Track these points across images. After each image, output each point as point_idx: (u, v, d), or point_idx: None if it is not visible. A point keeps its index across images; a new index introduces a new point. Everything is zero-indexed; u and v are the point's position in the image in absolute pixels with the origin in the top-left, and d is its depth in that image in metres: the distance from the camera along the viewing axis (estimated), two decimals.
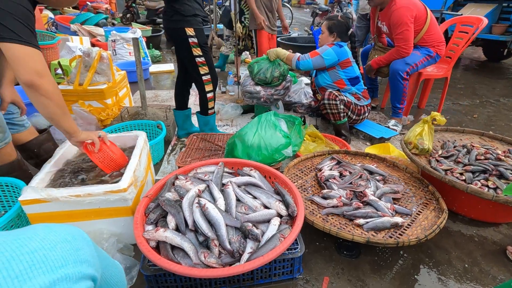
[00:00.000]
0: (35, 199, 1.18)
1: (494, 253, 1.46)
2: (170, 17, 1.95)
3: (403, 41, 2.46)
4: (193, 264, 1.06)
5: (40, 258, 0.50)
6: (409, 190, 1.63)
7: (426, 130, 1.82)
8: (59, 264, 0.52)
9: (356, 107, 2.38)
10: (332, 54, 2.29)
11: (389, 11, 2.47)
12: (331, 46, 2.32)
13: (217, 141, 2.22)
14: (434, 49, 2.59)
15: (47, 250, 0.52)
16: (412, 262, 1.40)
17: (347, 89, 2.38)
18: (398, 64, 2.54)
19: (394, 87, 2.61)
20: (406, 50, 2.50)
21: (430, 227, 1.34)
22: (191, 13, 1.93)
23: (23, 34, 0.99)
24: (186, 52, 2.02)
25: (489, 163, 1.62)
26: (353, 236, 1.26)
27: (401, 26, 2.41)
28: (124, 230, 1.35)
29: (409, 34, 2.44)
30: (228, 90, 3.61)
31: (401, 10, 2.39)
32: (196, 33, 1.98)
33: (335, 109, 2.29)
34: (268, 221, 1.25)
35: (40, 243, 0.52)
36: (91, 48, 2.51)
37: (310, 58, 2.33)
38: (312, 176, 1.75)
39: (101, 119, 2.44)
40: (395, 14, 2.42)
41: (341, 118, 2.33)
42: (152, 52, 5.26)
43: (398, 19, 2.41)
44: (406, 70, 2.52)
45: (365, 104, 2.44)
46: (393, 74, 2.56)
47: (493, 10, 4.36)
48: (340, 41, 2.38)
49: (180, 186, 1.37)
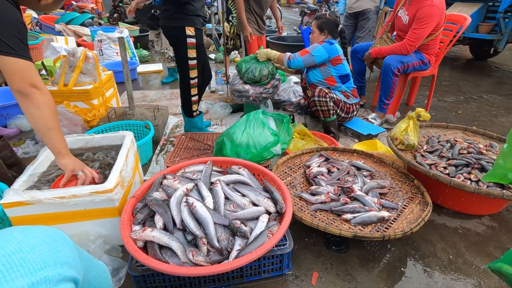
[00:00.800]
0: (17, 202, 1.15)
1: (477, 244, 1.51)
2: (170, 14, 1.91)
3: (415, 37, 2.44)
4: (181, 263, 1.05)
5: (18, 261, 0.49)
6: (395, 185, 1.66)
7: (412, 126, 1.85)
8: (38, 266, 0.51)
9: (345, 105, 2.41)
10: (322, 51, 2.32)
11: (421, 3, 2.39)
12: (321, 43, 2.36)
13: (206, 140, 2.21)
14: (428, 56, 2.64)
15: (25, 252, 0.51)
16: (398, 255, 1.43)
17: (337, 86, 2.41)
18: (392, 60, 2.55)
19: (384, 81, 2.64)
20: (409, 48, 2.50)
21: (415, 220, 1.37)
22: (194, 13, 1.92)
23: (17, 48, 1.03)
24: (181, 52, 2.00)
25: (472, 157, 1.67)
26: (341, 231, 1.28)
27: (424, 23, 2.37)
28: (111, 231, 1.33)
29: (425, 34, 2.43)
30: (217, 90, 3.60)
31: (434, 9, 2.34)
32: (196, 34, 1.97)
33: (325, 106, 2.31)
34: (257, 218, 1.25)
35: (17, 245, 0.51)
36: (76, 48, 2.46)
37: (300, 57, 2.36)
38: (301, 173, 1.76)
39: (88, 120, 2.40)
40: (427, 8, 2.35)
41: (331, 115, 2.35)
42: (140, 52, 5.20)
43: (425, 15, 2.36)
44: (398, 67, 2.56)
45: (354, 102, 2.47)
46: (385, 68, 2.59)
47: (479, 9, 4.46)
48: (331, 38, 2.41)
49: (168, 186, 1.36)
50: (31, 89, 1.08)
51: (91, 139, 1.66)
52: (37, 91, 1.09)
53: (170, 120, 2.85)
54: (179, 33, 1.93)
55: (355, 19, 3.98)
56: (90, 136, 1.66)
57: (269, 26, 6.61)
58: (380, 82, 2.71)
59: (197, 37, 1.98)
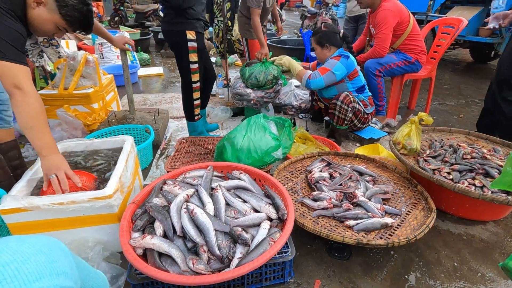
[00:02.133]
0: (15, 208, 1.13)
1: (482, 251, 1.48)
2: (171, 19, 1.91)
3: (380, 41, 2.55)
4: (181, 271, 1.03)
5: (12, 272, 0.48)
6: (398, 190, 1.64)
7: (414, 130, 1.84)
8: (33, 277, 0.49)
9: (364, 115, 2.33)
10: (342, 68, 2.20)
11: (376, 12, 2.56)
12: (338, 59, 2.22)
13: (207, 145, 2.19)
14: (414, 55, 2.66)
15: (20, 263, 0.49)
16: (402, 262, 1.40)
17: (355, 96, 2.33)
18: (370, 63, 2.64)
19: (369, 83, 2.67)
20: (380, 51, 2.58)
21: (419, 227, 1.35)
22: (195, 17, 1.91)
23: (6, 52, 1.12)
24: (183, 56, 1.99)
25: (475, 162, 1.65)
26: (344, 238, 1.25)
27: (382, 26, 2.50)
28: (111, 237, 1.31)
29: (387, 35, 2.52)
30: (218, 93, 3.59)
31: (385, 12, 2.49)
32: (197, 37, 1.96)
33: (343, 114, 2.25)
34: (258, 225, 1.23)
35: (12, 255, 0.50)
36: (76, 52, 2.46)
37: (321, 76, 2.21)
38: (302, 178, 1.75)
39: (88, 124, 2.39)
40: (379, 14, 2.51)
41: (344, 124, 2.31)
42: (140, 55, 5.21)
43: (380, 19, 2.50)
44: (378, 69, 2.61)
45: (370, 112, 2.39)
46: (366, 71, 2.66)
47: (479, 12, 4.47)
48: (338, 48, 2.32)
49: (168, 191, 1.34)
50: (13, 89, 1.14)
51: (90, 143, 1.65)
52: (18, 91, 1.14)
53: (171, 123, 2.84)
54: (180, 37, 1.92)
55: (355, 22, 3.98)
56: (90, 140, 1.65)
57: (269, 29, 6.62)
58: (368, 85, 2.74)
59: (198, 41, 1.97)
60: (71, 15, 1.27)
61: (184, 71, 2.06)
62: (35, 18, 1.24)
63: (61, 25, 1.28)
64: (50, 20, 1.26)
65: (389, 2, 2.52)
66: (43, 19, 1.25)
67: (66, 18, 1.26)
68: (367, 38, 2.95)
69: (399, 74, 2.74)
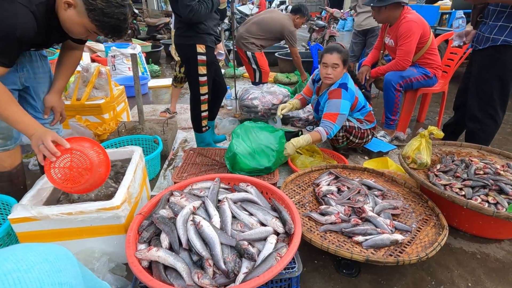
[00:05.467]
0: (25, 217, 1.15)
1: (497, 271, 1.42)
2: (182, 32, 1.96)
3: (404, 53, 2.50)
4: (186, 285, 1.02)
5: (13, 281, 0.48)
6: (408, 206, 1.61)
7: (424, 144, 1.81)
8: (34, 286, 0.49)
9: (359, 131, 2.27)
10: (346, 104, 2.09)
11: (398, 24, 2.50)
12: (339, 95, 2.07)
13: (214, 156, 2.20)
14: (432, 70, 2.63)
15: (22, 271, 0.50)
16: (413, 281, 1.36)
17: (351, 113, 2.27)
18: (392, 76, 2.58)
19: (387, 97, 2.65)
20: (403, 64, 2.53)
21: (431, 245, 1.31)
22: (205, 31, 1.95)
23: None
24: (191, 69, 2.03)
25: (488, 178, 1.61)
26: (352, 255, 1.22)
27: (407, 38, 2.44)
28: (117, 248, 1.31)
29: (411, 47, 2.47)
30: (226, 104, 3.63)
31: (410, 24, 2.43)
32: (207, 51, 2.00)
33: (334, 137, 2.23)
34: (265, 239, 1.21)
35: (15, 264, 0.50)
36: (90, 64, 2.53)
37: (334, 124, 2.07)
38: (310, 192, 1.73)
39: (98, 134, 2.44)
40: (404, 26, 2.45)
41: (339, 143, 2.29)
42: (151, 67, 5.33)
43: (405, 31, 2.44)
44: (400, 82, 2.57)
45: (369, 127, 2.32)
46: (386, 84, 2.60)
47: None
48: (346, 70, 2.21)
49: (174, 203, 1.34)
50: None
51: None
52: None
53: (179, 134, 2.87)
54: (190, 50, 1.97)
55: (364, 36, 4.01)
56: None
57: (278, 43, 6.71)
58: (384, 98, 2.72)
59: (207, 55, 2.01)
60: (100, 20, 1.18)
61: (193, 83, 2.09)
62: (65, 20, 1.20)
63: (91, 29, 1.22)
64: (80, 23, 1.19)
65: (412, 14, 2.47)
66: (73, 22, 1.20)
67: (95, 23, 1.19)
68: (381, 52, 2.92)
69: (416, 88, 2.70)
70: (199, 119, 2.21)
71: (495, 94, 1.96)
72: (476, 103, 2.05)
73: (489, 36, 1.87)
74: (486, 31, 1.90)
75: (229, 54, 4.64)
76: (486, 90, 1.98)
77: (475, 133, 2.12)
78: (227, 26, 7.35)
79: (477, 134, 2.11)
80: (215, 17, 2.02)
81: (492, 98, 1.97)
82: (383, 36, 2.81)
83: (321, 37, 6.84)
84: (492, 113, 2.01)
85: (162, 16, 10.45)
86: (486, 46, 1.89)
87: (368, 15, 3.74)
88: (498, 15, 1.83)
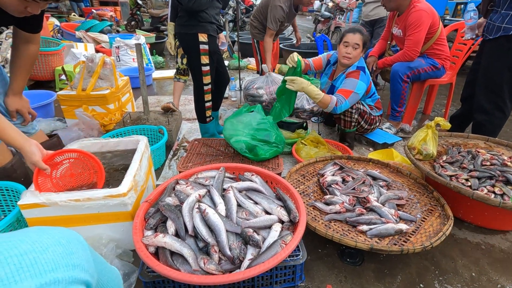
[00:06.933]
0: (34, 204, 1.17)
1: (502, 261, 1.42)
2: (184, 21, 1.94)
3: (412, 43, 2.45)
4: (192, 270, 1.04)
5: (30, 261, 0.49)
6: (413, 196, 1.60)
7: (430, 135, 1.79)
8: (49, 268, 0.50)
9: (370, 116, 2.31)
10: (363, 86, 2.11)
11: (408, 13, 2.45)
12: (357, 76, 2.09)
13: (219, 146, 2.21)
14: (440, 61, 2.58)
15: (38, 253, 0.51)
16: (417, 270, 1.36)
17: (361, 100, 2.29)
18: (399, 66, 2.54)
19: (393, 88, 2.62)
20: (412, 54, 2.49)
21: (435, 234, 1.31)
22: (207, 20, 1.93)
23: None
24: (194, 58, 2.02)
25: (495, 169, 1.59)
26: (356, 243, 1.23)
27: (416, 28, 2.39)
28: (123, 235, 1.33)
29: (421, 37, 2.42)
30: (230, 96, 3.62)
31: (420, 13, 2.38)
32: (209, 40, 1.97)
33: (348, 117, 2.23)
34: (269, 227, 1.22)
35: (31, 245, 0.51)
36: (95, 54, 2.53)
37: (346, 100, 2.06)
38: (314, 182, 1.73)
39: (104, 124, 2.45)
40: (413, 15, 2.40)
41: (351, 127, 2.29)
42: (155, 58, 5.31)
43: (414, 20, 2.39)
44: (407, 73, 2.53)
45: (377, 115, 2.37)
46: (393, 75, 2.56)
47: None
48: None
49: (180, 191, 1.35)
50: None
51: (106, 143, 1.68)
52: None
53: (183, 125, 2.88)
54: (192, 40, 1.95)
55: (371, 26, 3.95)
56: (106, 140, 1.69)
57: (282, 33, 6.63)
58: (390, 89, 2.68)
59: (209, 44, 1.99)
60: None
61: (196, 73, 2.08)
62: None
63: None
64: None
65: (422, 3, 2.41)
66: None
67: None
68: (388, 42, 2.88)
69: (423, 79, 2.66)
70: (203, 109, 2.21)
71: (505, 85, 1.92)
72: (484, 94, 2.02)
73: (501, 25, 1.82)
74: (497, 20, 1.85)
75: (233, 46, 4.61)
76: (496, 81, 1.94)
77: (482, 125, 2.09)
78: (232, 17, 7.27)
79: (484, 126, 2.08)
80: (217, 6, 1.99)
81: (502, 90, 1.94)
82: (390, 26, 2.76)
83: (326, 28, 6.74)
84: (501, 105, 1.98)
85: (166, 7, 10.35)
86: (497, 36, 1.85)
87: (376, 5, 3.68)
88: (510, 3, 1.78)
